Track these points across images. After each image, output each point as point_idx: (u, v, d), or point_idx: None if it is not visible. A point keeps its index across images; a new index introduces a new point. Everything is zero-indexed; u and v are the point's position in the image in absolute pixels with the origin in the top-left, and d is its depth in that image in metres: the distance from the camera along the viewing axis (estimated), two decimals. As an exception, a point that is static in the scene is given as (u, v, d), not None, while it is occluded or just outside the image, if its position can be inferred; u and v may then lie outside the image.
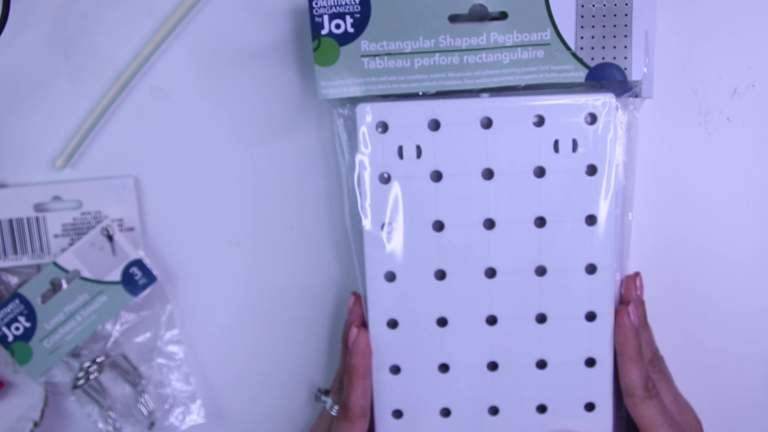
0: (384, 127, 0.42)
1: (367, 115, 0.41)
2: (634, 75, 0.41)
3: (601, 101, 0.41)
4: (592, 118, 0.41)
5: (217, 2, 0.46)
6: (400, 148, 0.42)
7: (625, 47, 0.40)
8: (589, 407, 0.44)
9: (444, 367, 0.44)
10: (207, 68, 0.46)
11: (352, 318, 0.44)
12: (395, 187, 0.42)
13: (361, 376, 0.43)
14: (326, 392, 0.47)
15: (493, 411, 0.44)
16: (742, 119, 0.47)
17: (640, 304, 0.44)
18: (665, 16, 0.45)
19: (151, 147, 0.47)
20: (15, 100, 0.46)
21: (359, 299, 0.44)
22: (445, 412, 0.44)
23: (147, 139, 0.47)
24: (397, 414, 0.44)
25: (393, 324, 0.43)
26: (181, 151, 0.47)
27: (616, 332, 0.43)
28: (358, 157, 0.42)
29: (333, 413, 0.45)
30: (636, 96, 0.42)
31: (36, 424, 0.46)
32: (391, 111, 0.41)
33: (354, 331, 0.43)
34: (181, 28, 0.46)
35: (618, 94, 0.41)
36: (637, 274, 0.44)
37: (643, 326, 0.44)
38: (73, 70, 0.46)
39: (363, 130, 0.42)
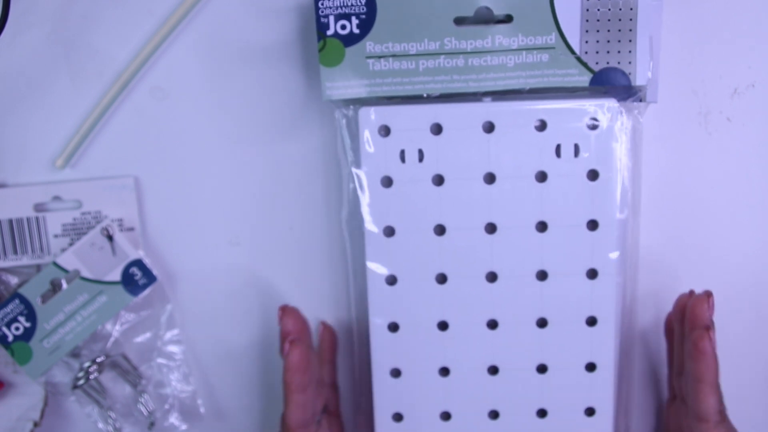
0: (386, 130, 0.41)
1: (370, 118, 0.41)
2: (639, 80, 0.40)
3: (605, 106, 0.41)
4: (595, 123, 0.41)
5: (219, 1, 0.45)
6: (402, 152, 0.42)
7: (630, 52, 0.40)
8: (590, 412, 0.44)
9: (444, 371, 0.44)
10: (207, 68, 0.46)
11: (284, 330, 0.43)
12: (397, 191, 0.42)
13: (295, 390, 0.42)
14: None
15: (494, 415, 0.44)
16: (742, 119, 0.47)
17: (713, 326, 0.42)
18: (666, 17, 0.45)
19: (151, 147, 0.47)
20: (15, 100, 0.46)
21: (288, 311, 0.44)
22: (446, 416, 0.44)
23: (147, 139, 0.46)
24: (398, 417, 0.44)
25: (394, 327, 0.43)
26: (181, 151, 0.47)
27: (696, 358, 0.41)
28: (361, 161, 0.42)
29: None
30: (640, 100, 0.42)
31: (36, 424, 0.46)
32: (393, 115, 0.41)
33: (286, 346, 0.42)
34: (182, 28, 0.45)
35: (622, 99, 0.41)
36: (708, 294, 0.42)
37: None
38: (73, 70, 0.46)
39: (366, 134, 0.41)
